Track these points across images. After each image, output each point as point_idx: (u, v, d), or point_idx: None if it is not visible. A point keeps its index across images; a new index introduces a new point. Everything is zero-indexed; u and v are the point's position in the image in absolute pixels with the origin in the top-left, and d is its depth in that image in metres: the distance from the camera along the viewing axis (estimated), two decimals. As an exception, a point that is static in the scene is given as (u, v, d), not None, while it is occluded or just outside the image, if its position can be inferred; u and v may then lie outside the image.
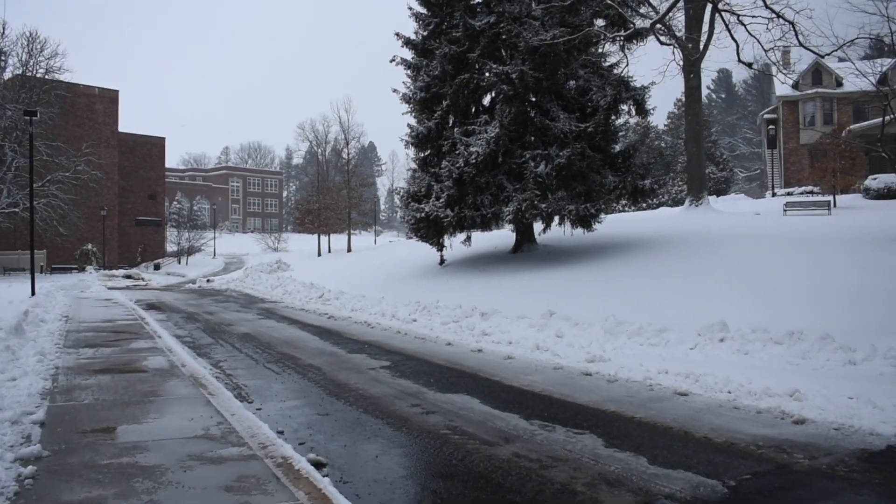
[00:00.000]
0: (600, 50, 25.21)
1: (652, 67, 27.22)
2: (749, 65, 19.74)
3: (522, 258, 23.83)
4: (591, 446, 5.82)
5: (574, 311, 12.76)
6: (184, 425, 6.13)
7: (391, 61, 24.93)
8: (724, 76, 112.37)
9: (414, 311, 15.25)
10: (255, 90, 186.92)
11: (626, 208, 46.16)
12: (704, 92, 56.80)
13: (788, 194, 46.03)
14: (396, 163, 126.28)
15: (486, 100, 25.17)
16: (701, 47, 33.63)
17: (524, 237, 25.24)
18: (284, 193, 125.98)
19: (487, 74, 22.77)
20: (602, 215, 22.34)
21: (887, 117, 22.17)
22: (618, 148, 23.55)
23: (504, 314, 13.41)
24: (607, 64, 24.36)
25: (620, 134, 24.54)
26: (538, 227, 24.61)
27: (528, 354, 10.30)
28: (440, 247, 24.46)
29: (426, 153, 24.06)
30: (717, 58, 65.56)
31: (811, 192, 45.74)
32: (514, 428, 6.42)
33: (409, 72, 25.02)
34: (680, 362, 9.14)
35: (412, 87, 24.22)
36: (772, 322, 10.48)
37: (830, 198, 34.96)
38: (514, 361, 9.92)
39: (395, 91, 25.04)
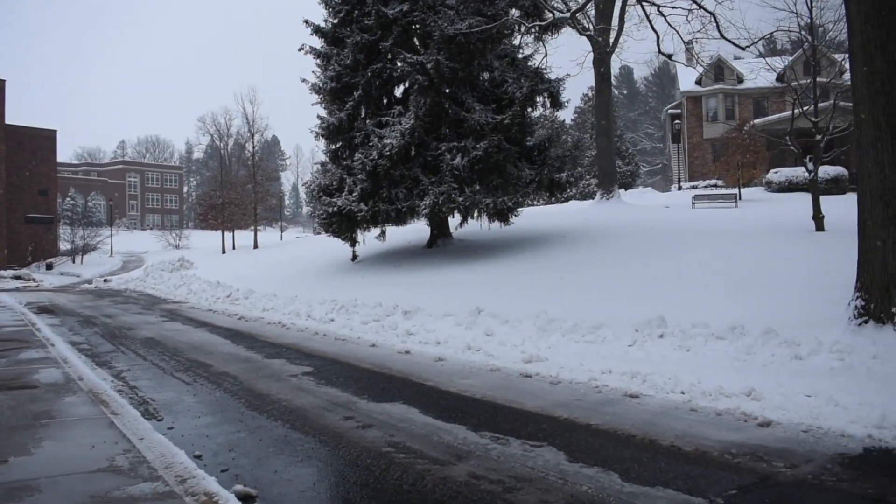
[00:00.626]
0: (515, 42, 24.92)
1: (570, 59, 27.19)
2: (669, 56, 19.65)
3: (438, 253, 23.26)
4: (554, 462, 5.22)
5: (500, 308, 12.22)
6: (84, 455, 5.18)
7: (300, 50, 23.93)
8: (625, 73, 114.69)
9: (331, 311, 14.43)
10: (153, 81, 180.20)
11: (536, 202, 46.28)
12: (608, 88, 57.39)
13: (693, 188, 47.08)
14: (301, 157, 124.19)
15: (399, 91, 24.51)
16: (611, 41, 33.86)
17: (440, 231, 24.69)
18: (185, 189, 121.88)
19: (401, 64, 22.02)
20: (519, 209, 22.01)
21: (796, 111, 22.59)
22: (533, 141, 23.20)
23: (427, 312, 12.76)
24: (522, 55, 24.05)
25: (535, 127, 24.22)
26: (454, 221, 24.10)
27: (459, 355, 9.67)
28: (353, 242, 23.62)
29: (337, 145, 23.20)
30: (637, 49, 66.13)
31: (715, 186, 46.92)
32: (463, 442, 5.77)
33: (318, 61, 24.07)
34: (621, 360, 8.69)
35: (322, 76, 23.29)
36: (709, 316, 10.17)
37: (736, 191, 35.75)
38: (446, 363, 9.27)
39: (304, 81, 24.06)
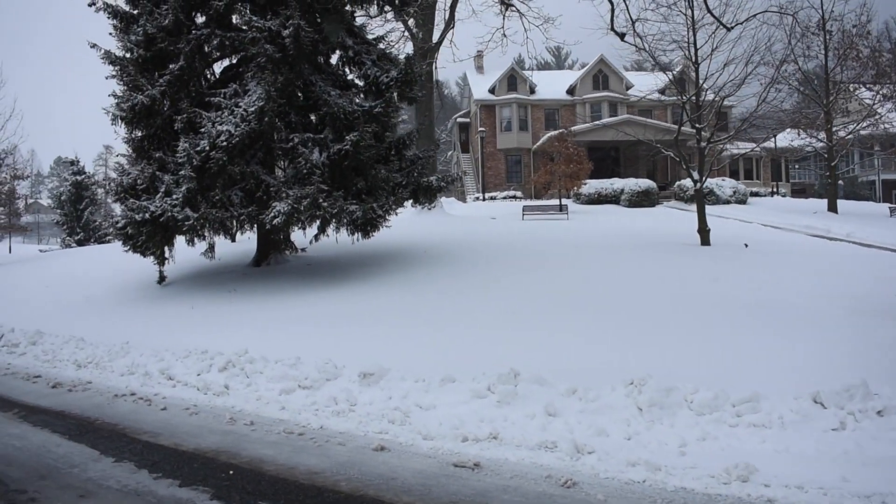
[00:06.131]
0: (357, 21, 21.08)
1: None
2: (622, 35, 16.47)
3: (275, 274, 18.53)
4: None
5: (531, 364, 8.09)
6: None
7: (91, 5, 18.10)
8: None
9: (208, 369, 9.51)
10: None
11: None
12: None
13: (492, 199, 45.34)
14: (35, 157, 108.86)
15: (220, 67, 19.57)
16: (437, 35, 30.90)
17: (272, 246, 19.87)
18: None
19: (235, 32, 17.18)
20: (390, 217, 17.93)
21: (684, 121, 20.56)
22: (392, 137, 19.27)
23: (401, 374, 8.28)
24: (372, 36, 20.08)
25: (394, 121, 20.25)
26: (302, 233, 19.31)
27: (585, 467, 5.47)
28: (162, 260, 18.17)
29: (150, 131, 17.58)
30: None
31: (514, 197, 45.55)
32: None
33: (116, 21, 18.39)
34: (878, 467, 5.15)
35: (126, 41, 17.60)
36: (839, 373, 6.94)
37: (562, 202, 34.05)
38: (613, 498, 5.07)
39: (94, 46, 18.25)
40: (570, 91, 51.51)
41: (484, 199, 44.13)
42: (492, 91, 51.06)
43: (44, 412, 7.92)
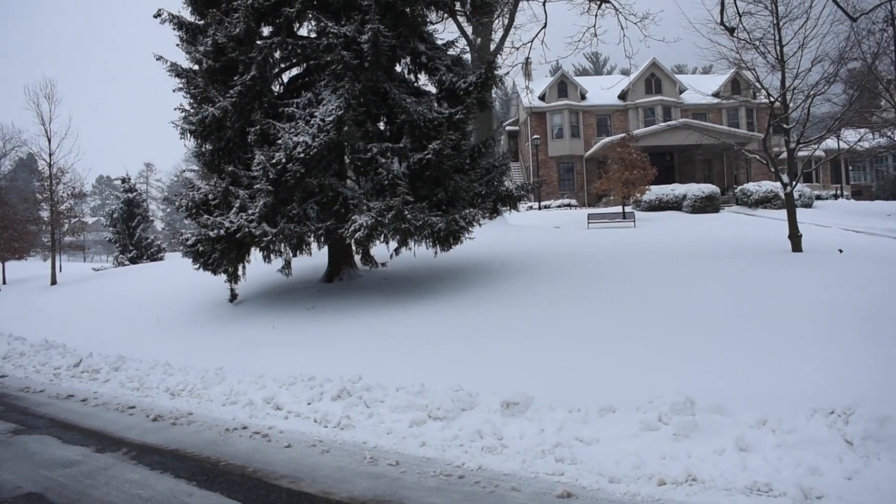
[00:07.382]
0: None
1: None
2: (731, 30, 15.47)
3: (352, 289, 17.74)
4: None
5: (705, 390, 7.16)
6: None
7: (156, 16, 17.57)
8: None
9: (318, 396, 8.69)
10: None
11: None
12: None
13: (547, 207, 44.39)
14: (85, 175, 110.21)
15: (287, 75, 18.95)
16: (496, 40, 30.13)
17: (345, 260, 19.12)
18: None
19: (311, 38, 16.52)
20: (473, 229, 17.03)
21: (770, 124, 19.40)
22: (467, 145, 18.43)
23: (545, 402, 7.38)
24: (441, 42, 19.28)
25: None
26: (385, 247, 18.47)
27: None
28: (235, 277, 17.50)
29: (220, 144, 16.92)
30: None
31: (569, 205, 44.57)
32: None
33: (181, 33, 17.85)
34: None
35: (194, 52, 16.99)
36: None
37: (625, 210, 32.99)
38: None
39: (160, 58, 17.70)
40: (622, 96, 50.41)
41: (539, 208, 43.15)
42: (542, 98, 50.15)
43: (156, 451, 7.13)
